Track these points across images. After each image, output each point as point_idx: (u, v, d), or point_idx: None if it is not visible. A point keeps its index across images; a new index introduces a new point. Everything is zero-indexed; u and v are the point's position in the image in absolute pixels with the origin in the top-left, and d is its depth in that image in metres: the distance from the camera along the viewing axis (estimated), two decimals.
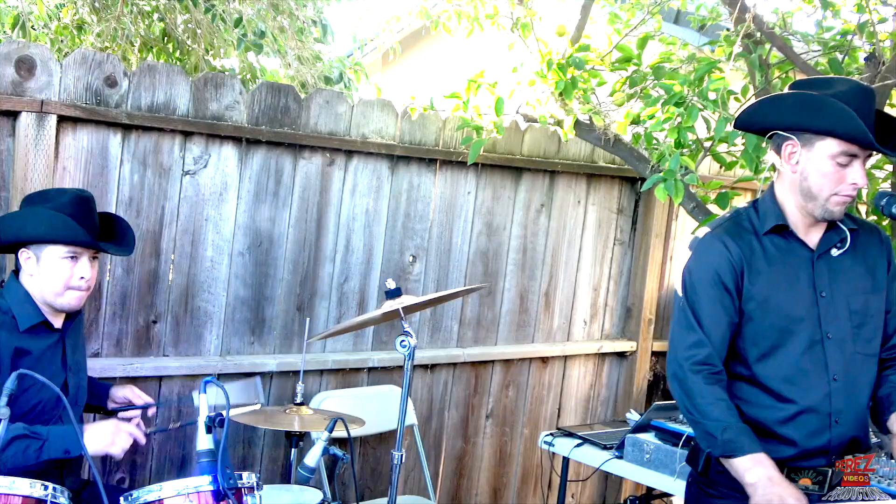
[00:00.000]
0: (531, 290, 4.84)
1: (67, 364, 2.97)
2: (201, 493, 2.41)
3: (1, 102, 3.20)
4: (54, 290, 2.87)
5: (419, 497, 4.35)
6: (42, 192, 3.00)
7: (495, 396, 4.80)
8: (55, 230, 2.84)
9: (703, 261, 2.71)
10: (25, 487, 2.15)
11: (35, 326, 2.85)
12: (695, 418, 2.64)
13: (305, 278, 4.06)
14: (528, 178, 4.72)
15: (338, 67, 6.39)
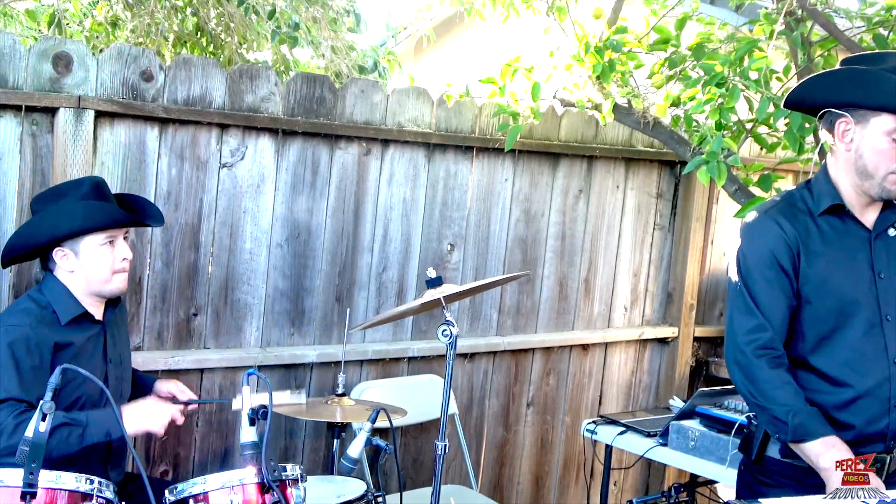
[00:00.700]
0: (570, 277, 4.79)
1: (108, 356, 2.98)
2: (246, 485, 2.40)
3: (39, 99, 3.21)
4: (102, 277, 2.90)
5: (461, 486, 4.33)
6: (53, 190, 2.98)
7: (536, 384, 4.77)
8: (93, 219, 2.86)
9: (758, 243, 2.63)
10: (71, 482, 2.15)
11: (76, 319, 2.87)
12: (760, 404, 2.57)
13: (344, 269, 4.05)
14: (565, 163, 4.67)
15: (371, 57, 6.38)
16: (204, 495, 2.39)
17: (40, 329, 2.78)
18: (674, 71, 4.03)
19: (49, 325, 2.82)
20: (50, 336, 2.79)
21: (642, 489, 5.27)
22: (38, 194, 3.03)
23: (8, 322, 2.77)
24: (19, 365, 2.68)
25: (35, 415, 2.08)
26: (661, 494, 4.19)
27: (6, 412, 2.59)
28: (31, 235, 2.88)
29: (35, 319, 2.79)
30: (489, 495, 4.44)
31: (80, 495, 2.16)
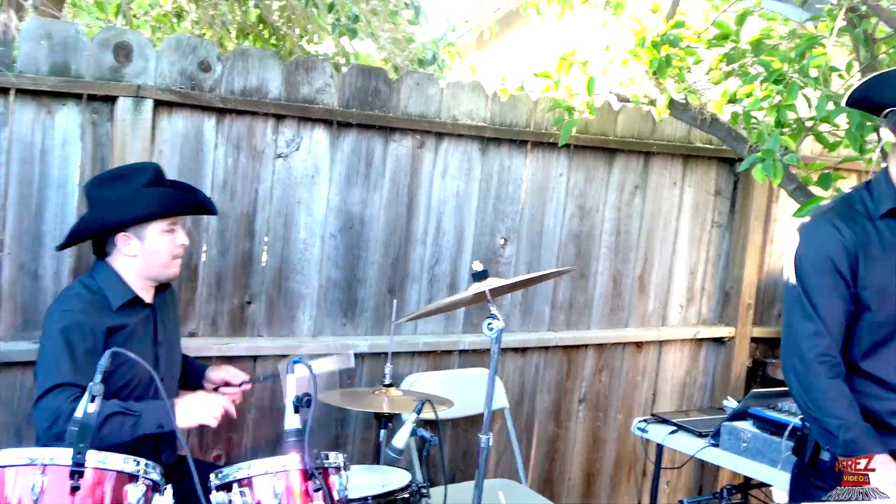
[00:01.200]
0: (625, 274, 4.75)
1: (158, 339, 3.04)
2: (289, 471, 2.43)
3: (100, 87, 3.28)
4: (162, 262, 2.98)
5: (511, 480, 4.33)
6: (112, 175, 3.01)
7: (588, 381, 4.75)
8: (165, 206, 2.94)
9: (815, 246, 2.58)
10: (119, 462, 2.20)
11: (126, 304, 2.93)
12: (813, 414, 2.53)
13: (396, 261, 4.07)
14: (621, 159, 4.63)
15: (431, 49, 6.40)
16: (248, 480, 2.42)
17: (92, 314, 2.84)
18: (732, 67, 3.97)
19: (101, 310, 2.88)
20: (102, 321, 2.85)
21: (695, 489, 5.22)
22: (94, 178, 3.05)
23: (61, 308, 2.84)
24: (73, 350, 2.74)
25: (84, 396, 2.13)
26: (713, 496, 4.15)
27: (62, 396, 2.66)
28: (100, 219, 2.92)
29: (87, 305, 2.86)
30: (539, 491, 4.43)
31: (127, 476, 2.21)
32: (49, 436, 2.62)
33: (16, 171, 3.22)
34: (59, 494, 2.10)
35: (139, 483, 2.21)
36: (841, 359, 2.54)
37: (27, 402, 3.31)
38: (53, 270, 3.32)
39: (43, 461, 2.11)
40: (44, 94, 3.22)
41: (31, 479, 2.09)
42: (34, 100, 3.22)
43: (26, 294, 3.29)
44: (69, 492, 2.10)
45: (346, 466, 2.60)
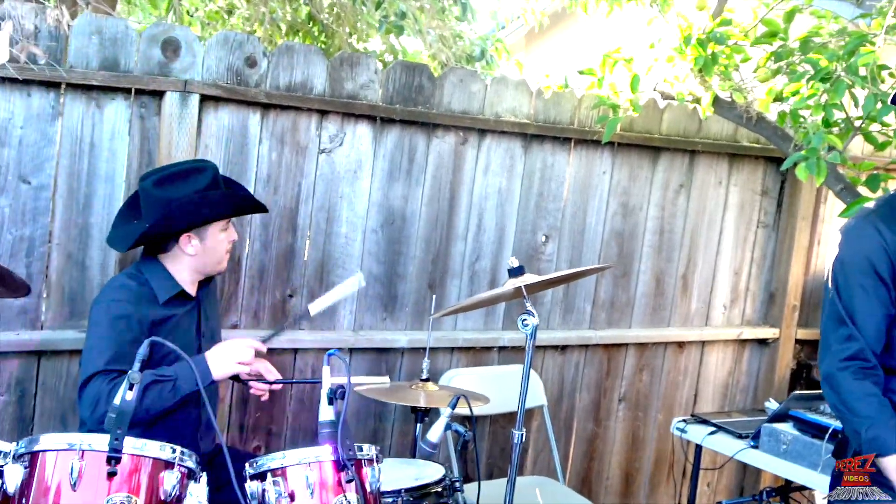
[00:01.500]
0: (668, 273, 4.73)
1: (201, 331, 3.11)
2: (322, 462, 2.46)
3: (148, 82, 3.35)
4: (217, 259, 3.08)
5: (548, 478, 4.33)
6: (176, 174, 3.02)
7: (629, 380, 4.73)
8: (231, 209, 3.07)
9: (855, 248, 2.56)
10: (155, 449, 2.25)
11: (172, 297, 2.99)
12: (843, 415, 2.54)
13: (437, 256, 4.09)
14: (666, 157, 4.60)
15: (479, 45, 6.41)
16: (282, 470, 2.46)
17: (139, 305, 2.91)
18: (779, 65, 3.92)
19: (148, 302, 2.95)
20: (148, 313, 2.92)
21: (736, 491, 5.17)
22: (152, 176, 3.06)
23: (109, 298, 2.91)
24: (118, 339, 2.81)
25: (123, 384, 2.19)
26: (753, 498, 4.12)
27: (101, 380, 2.73)
28: (169, 223, 2.94)
29: (135, 296, 2.92)
30: (576, 489, 4.42)
31: (163, 463, 2.25)
32: (93, 421, 2.70)
33: (65, 163, 3.30)
34: (96, 479, 2.16)
35: (175, 470, 2.26)
36: (876, 363, 2.51)
37: (73, 389, 3.39)
38: (100, 261, 3.40)
39: (81, 446, 2.17)
40: (93, 89, 3.29)
41: (69, 463, 2.15)
42: (84, 94, 3.29)
43: (73, 284, 3.37)
44: (106, 477, 2.15)
45: (379, 458, 2.62)
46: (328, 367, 2.59)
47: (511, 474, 2.85)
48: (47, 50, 3.16)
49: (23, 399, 3.32)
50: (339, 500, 2.44)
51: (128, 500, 2.16)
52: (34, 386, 3.35)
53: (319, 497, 2.42)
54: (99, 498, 2.14)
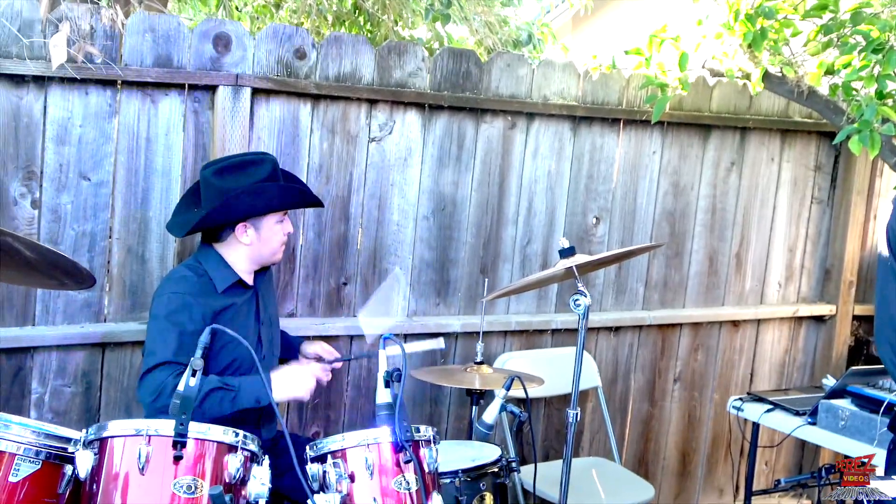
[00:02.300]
0: (721, 252, 4.70)
1: (260, 318, 3.17)
2: (381, 444, 2.51)
3: (200, 77, 3.41)
4: (273, 250, 3.14)
5: (605, 459, 4.35)
6: (235, 165, 3.09)
7: (683, 360, 4.71)
8: (288, 202, 3.13)
9: None
10: (219, 434, 2.31)
11: (230, 286, 3.06)
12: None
13: (488, 241, 4.12)
14: (717, 135, 4.57)
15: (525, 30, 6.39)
16: (342, 451, 2.51)
17: (200, 296, 2.98)
18: (830, 37, 3.87)
19: (207, 292, 3.02)
20: (208, 303, 2.99)
21: (795, 469, 5.14)
22: (214, 165, 3.13)
23: (170, 290, 2.98)
24: (179, 330, 2.88)
25: (186, 371, 2.25)
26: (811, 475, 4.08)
27: (166, 373, 2.80)
28: (226, 211, 3.02)
29: (195, 287, 3.00)
30: (633, 470, 4.43)
31: (227, 447, 2.32)
32: (153, 409, 2.78)
33: (123, 159, 3.38)
34: (163, 463, 2.23)
35: (238, 453, 2.32)
36: None
37: (136, 380, 3.47)
38: (159, 254, 3.48)
39: (148, 432, 2.24)
40: (148, 86, 3.36)
41: (137, 448, 2.22)
42: (139, 91, 3.37)
43: (134, 277, 3.46)
44: (172, 461, 2.22)
45: (436, 440, 2.66)
46: (384, 350, 2.63)
47: (566, 453, 2.87)
48: (103, 49, 3.24)
49: (89, 390, 3.42)
50: (398, 481, 2.49)
51: (194, 483, 2.22)
52: (99, 377, 3.45)
53: (379, 478, 2.47)
54: (166, 481, 2.21)
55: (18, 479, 2.30)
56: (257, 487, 2.29)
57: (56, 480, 2.35)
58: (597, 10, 7.44)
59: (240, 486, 2.30)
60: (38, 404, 3.35)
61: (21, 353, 3.30)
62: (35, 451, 2.32)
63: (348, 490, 2.46)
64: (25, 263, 2.41)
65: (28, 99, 3.20)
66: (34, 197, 3.25)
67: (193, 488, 2.22)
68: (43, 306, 3.33)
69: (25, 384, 3.32)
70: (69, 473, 2.36)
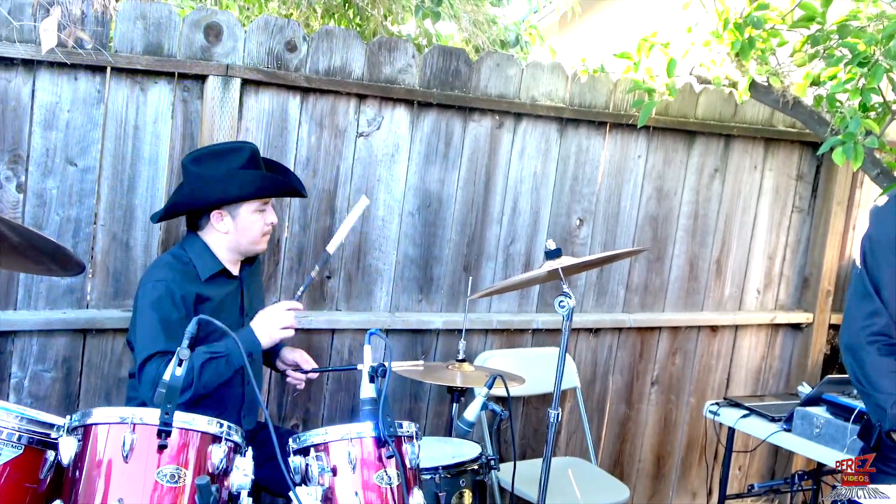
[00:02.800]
0: (702, 257, 4.74)
1: (245, 310, 3.17)
2: (363, 438, 2.52)
3: (191, 66, 3.41)
4: (252, 239, 3.10)
5: (581, 459, 4.37)
6: (212, 152, 3.10)
7: (661, 363, 4.75)
8: (262, 189, 3.06)
9: (885, 228, 2.61)
10: (203, 424, 2.31)
11: (214, 275, 3.06)
12: (865, 390, 2.57)
13: (472, 239, 4.14)
14: (701, 141, 4.61)
15: (513, 31, 6.41)
16: (324, 445, 2.52)
17: (183, 283, 2.98)
18: (816, 49, 3.91)
19: (190, 279, 3.01)
20: (191, 289, 2.99)
21: (768, 475, 5.19)
22: (193, 153, 3.15)
23: (153, 278, 2.98)
24: (166, 318, 2.89)
25: (172, 360, 2.25)
26: (785, 481, 4.13)
27: (155, 364, 2.82)
28: (198, 197, 3.03)
29: (178, 273, 2.99)
30: (609, 470, 4.47)
31: (211, 437, 2.32)
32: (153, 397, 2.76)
33: (110, 146, 3.37)
34: (147, 452, 2.22)
35: (222, 444, 2.32)
36: None
37: (117, 367, 3.48)
38: (144, 242, 3.47)
39: (133, 420, 2.24)
40: (138, 73, 3.36)
41: (122, 436, 2.22)
42: (128, 78, 3.35)
43: (118, 264, 3.45)
44: (157, 450, 2.22)
45: (419, 436, 2.68)
46: (369, 346, 2.64)
47: (546, 453, 2.89)
48: (93, 35, 3.22)
49: (69, 376, 3.41)
50: (380, 476, 2.49)
51: (177, 472, 2.22)
52: (80, 363, 3.44)
53: (361, 472, 2.48)
54: (149, 470, 2.21)
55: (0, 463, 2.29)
56: (240, 479, 2.29)
57: (38, 466, 2.35)
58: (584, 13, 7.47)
59: (223, 476, 2.31)
60: (18, 388, 3.33)
61: (1, 336, 3.29)
62: (17, 435, 2.31)
63: (330, 483, 2.47)
64: (11, 247, 2.40)
65: (16, 82, 3.18)
66: (20, 181, 3.23)
67: (177, 477, 2.22)
68: (25, 291, 3.31)
69: (5, 368, 3.31)
70: (51, 459, 2.35)
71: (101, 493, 2.20)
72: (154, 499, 2.20)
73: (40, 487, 2.36)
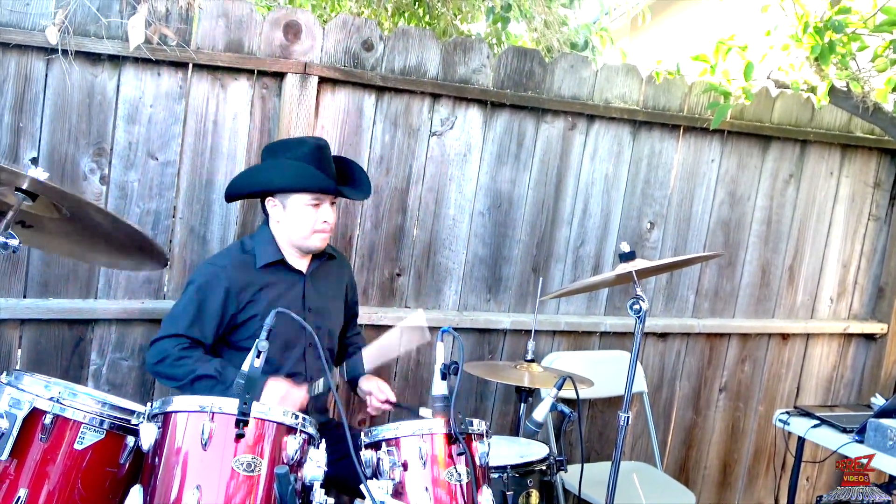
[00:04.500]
0: (774, 264, 4.67)
1: (307, 305, 3.21)
2: (434, 434, 2.54)
3: (270, 64, 3.46)
4: (302, 234, 3.14)
5: (646, 464, 4.34)
6: (282, 143, 3.23)
7: (730, 370, 4.70)
8: (300, 179, 3.09)
9: None
10: (279, 415, 2.35)
11: (272, 265, 3.13)
12: None
13: (542, 240, 4.14)
14: (776, 146, 4.55)
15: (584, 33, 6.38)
16: (396, 440, 2.54)
17: (235, 271, 3.07)
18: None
19: (245, 268, 3.10)
20: (243, 278, 3.07)
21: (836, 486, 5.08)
22: (270, 143, 3.29)
23: (209, 262, 3.14)
24: (202, 304, 3.01)
25: (251, 352, 2.29)
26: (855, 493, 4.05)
27: (173, 343, 2.97)
28: (249, 182, 3.19)
29: (234, 262, 3.10)
30: (674, 476, 4.42)
31: (287, 428, 2.36)
32: (151, 370, 3.02)
33: (190, 141, 3.44)
34: (224, 440, 2.27)
35: (297, 435, 2.36)
36: None
37: None
38: (220, 236, 3.54)
39: (212, 409, 2.28)
40: (218, 70, 3.42)
41: (201, 424, 2.27)
42: (209, 74, 3.42)
43: (194, 257, 3.52)
44: (234, 438, 2.27)
45: (488, 434, 2.69)
46: (441, 343, 2.65)
47: (616, 456, 2.88)
48: (177, 31, 3.29)
49: (145, 365, 3.49)
50: (450, 472, 2.51)
51: (254, 461, 2.27)
52: None
53: (431, 468, 2.50)
54: (227, 458, 2.26)
55: (83, 447, 2.37)
56: (313, 470, 2.32)
57: (118, 450, 2.42)
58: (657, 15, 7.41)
59: (297, 467, 2.34)
60: (96, 375, 3.42)
61: (82, 324, 3.38)
62: (99, 420, 2.39)
63: (401, 478, 2.50)
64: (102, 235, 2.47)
65: (102, 77, 3.27)
66: (103, 173, 3.32)
67: (253, 466, 2.26)
68: (105, 280, 3.40)
69: (85, 355, 3.40)
70: (131, 444, 2.42)
71: (179, 480, 2.25)
72: (230, 487, 2.24)
73: (120, 472, 2.43)
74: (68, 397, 2.37)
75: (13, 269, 3.26)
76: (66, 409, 2.35)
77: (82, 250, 2.74)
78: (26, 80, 3.16)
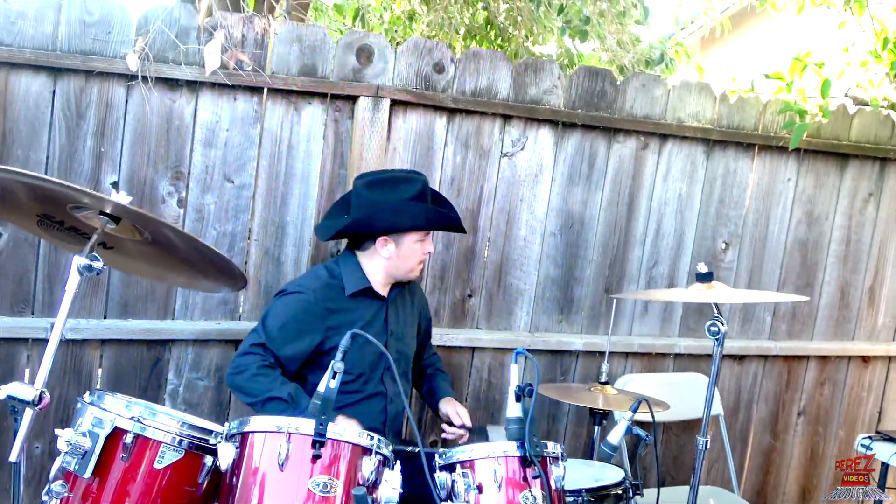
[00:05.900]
0: (853, 285, 4.56)
1: (389, 328, 3.22)
2: (509, 457, 2.52)
3: (343, 87, 3.51)
4: (410, 267, 3.19)
5: (722, 489, 4.25)
6: (389, 180, 3.17)
7: (809, 393, 4.59)
8: (430, 222, 3.16)
9: None
10: (355, 436, 2.36)
11: (360, 293, 3.15)
12: None
13: (614, 261, 4.10)
14: (855, 164, 4.45)
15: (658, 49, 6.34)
16: (470, 462, 2.53)
17: (324, 295, 3.09)
18: None
19: (335, 293, 3.12)
20: (332, 303, 3.09)
21: None
22: (367, 177, 3.20)
23: (300, 283, 3.14)
24: (287, 321, 3.03)
25: (327, 373, 2.31)
26: None
27: (257, 358, 2.99)
28: (370, 223, 3.11)
29: (323, 286, 3.11)
30: (751, 501, 4.34)
31: (362, 449, 2.36)
32: (229, 380, 3.04)
33: (265, 164, 3.50)
34: (301, 461, 2.28)
35: (373, 457, 2.36)
36: None
37: None
38: (294, 257, 3.58)
39: (289, 429, 2.30)
40: (292, 94, 3.47)
41: (278, 445, 2.28)
42: (284, 98, 3.48)
43: (269, 278, 3.56)
44: (310, 459, 2.28)
45: (563, 457, 2.66)
46: (515, 365, 2.64)
47: (694, 481, 2.83)
48: (253, 57, 3.36)
49: (221, 384, 3.54)
50: (525, 496, 2.49)
51: (330, 482, 2.27)
52: None
53: (506, 490, 2.48)
54: (303, 479, 2.27)
55: (162, 466, 2.40)
56: (388, 491, 2.32)
57: (197, 470, 2.45)
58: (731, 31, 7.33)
59: (372, 488, 2.34)
60: (173, 395, 3.48)
61: (160, 344, 3.44)
62: (179, 439, 2.42)
63: (475, 500, 2.47)
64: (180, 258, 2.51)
65: (180, 102, 3.34)
66: (180, 196, 3.39)
67: (329, 488, 2.27)
68: (182, 301, 3.46)
69: (162, 375, 3.46)
70: (209, 464, 2.45)
71: (257, 500, 2.27)
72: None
73: (198, 491, 2.46)
74: (148, 417, 2.41)
75: (94, 290, 3.34)
76: (146, 428, 2.40)
77: (162, 271, 2.79)
78: (108, 107, 3.25)
